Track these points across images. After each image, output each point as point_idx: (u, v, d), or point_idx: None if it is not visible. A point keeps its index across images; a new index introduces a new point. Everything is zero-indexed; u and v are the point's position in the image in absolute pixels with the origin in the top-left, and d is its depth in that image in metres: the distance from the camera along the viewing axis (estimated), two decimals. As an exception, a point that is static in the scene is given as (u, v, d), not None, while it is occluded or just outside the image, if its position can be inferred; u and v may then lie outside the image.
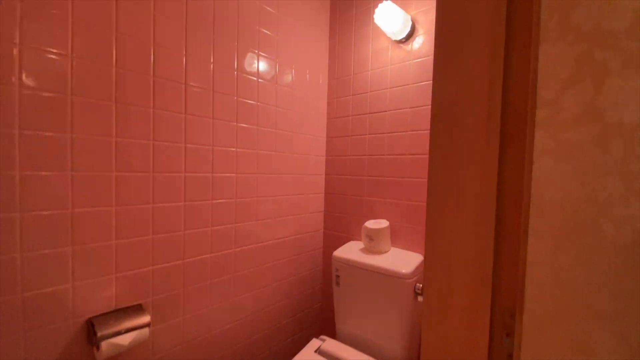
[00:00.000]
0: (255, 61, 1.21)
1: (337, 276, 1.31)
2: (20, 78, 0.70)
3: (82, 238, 0.81)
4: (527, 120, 0.36)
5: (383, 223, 1.29)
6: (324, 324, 1.64)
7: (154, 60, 0.92)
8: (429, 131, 1.18)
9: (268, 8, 1.24)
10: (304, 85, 1.44)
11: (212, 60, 1.06)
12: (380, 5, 1.18)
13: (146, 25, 0.90)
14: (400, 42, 1.28)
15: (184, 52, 0.99)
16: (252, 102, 1.21)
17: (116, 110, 0.85)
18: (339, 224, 1.55)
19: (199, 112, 1.04)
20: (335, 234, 1.56)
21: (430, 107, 0.44)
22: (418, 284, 1.14)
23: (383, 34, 1.33)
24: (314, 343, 1.23)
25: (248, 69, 1.19)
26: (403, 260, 1.19)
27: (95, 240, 0.83)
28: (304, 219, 1.49)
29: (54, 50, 0.74)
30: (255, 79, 1.21)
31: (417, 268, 1.14)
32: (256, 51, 1.21)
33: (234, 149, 1.15)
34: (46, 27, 0.73)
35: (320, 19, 1.51)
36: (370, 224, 1.29)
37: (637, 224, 0.29)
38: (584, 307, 0.32)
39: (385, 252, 1.27)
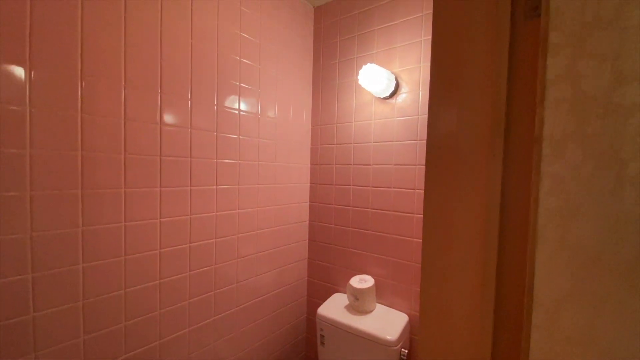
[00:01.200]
0: (237, 107, 1.16)
1: (322, 336, 1.27)
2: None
3: (46, 304, 0.73)
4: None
5: (368, 281, 1.27)
6: (308, 373, 1.60)
7: (125, 100, 0.85)
8: (412, 190, 1.18)
9: (247, 60, 1.20)
10: (287, 132, 1.40)
11: (189, 97, 1.01)
12: (363, 67, 1.16)
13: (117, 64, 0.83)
14: (385, 98, 1.27)
15: (159, 91, 0.93)
16: (232, 160, 1.16)
17: (82, 160, 0.78)
18: (324, 273, 1.51)
19: (175, 153, 0.98)
20: (320, 283, 1.53)
21: (415, 166, 0.43)
22: (403, 350, 1.12)
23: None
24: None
25: (228, 119, 1.13)
26: (388, 323, 1.17)
27: (62, 304, 0.75)
28: (287, 270, 1.45)
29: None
30: (235, 136, 1.16)
31: (402, 333, 1.13)
32: (237, 97, 1.16)
33: (213, 214, 1.10)
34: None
35: (303, 63, 1.48)
36: (356, 282, 1.27)
37: None
38: (612, 108, 0.30)
39: (371, 311, 1.25)
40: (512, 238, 0.39)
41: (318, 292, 1.54)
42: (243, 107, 1.19)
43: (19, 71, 0.68)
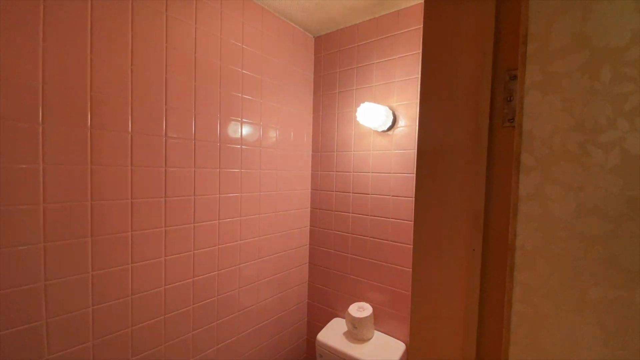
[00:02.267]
0: (239, 145, 1.20)
1: (321, 362, 1.31)
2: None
3: (57, 310, 0.77)
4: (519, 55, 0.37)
5: (366, 310, 1.30)
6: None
7: (131, 146, 0.89)
8: (410, 222, 1.21)
9: (248, 96, 1.24)
10: (289, 163, 1.44)
11: (193, 131, 1.05)
12: (361, 105, 1.19)
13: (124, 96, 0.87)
14: (383, 131, 1.30)
15: (164, 120, 0.97)
16: (235, 194, 1.20)
17: (91, 203, 0.82)
18: (323, 297, 1.55)
19: (178, 193, 1.02)
20: (320, 306, 1.57)
21: (412, 199, 0.46)
22: (400, 380, 1.15)
23: (366, 119, 1.35)
24: None
25: (229, 160, 1.17)
26: (386, 352, 1.20)
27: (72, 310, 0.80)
28: (288, 294, 1.48)
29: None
30: (238, 170, 1.20)
31: (400, 363, 1.16)
32: (240, 121, 1.20)
33: (215, 247, 1.14)
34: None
35: (304, 93, 1.52)
36: (354, 310, 1.30)
37: (625, 145, 0.31)
38: (575, 234, 0.33)
39: (369, 339, 1.28)
40: (490, 336, 0.42)
41: (318, 315, 1.57)
42: (245, 138, 1.23)
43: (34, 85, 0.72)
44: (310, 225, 1.59)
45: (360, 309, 1.31)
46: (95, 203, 0.83)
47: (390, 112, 1.24)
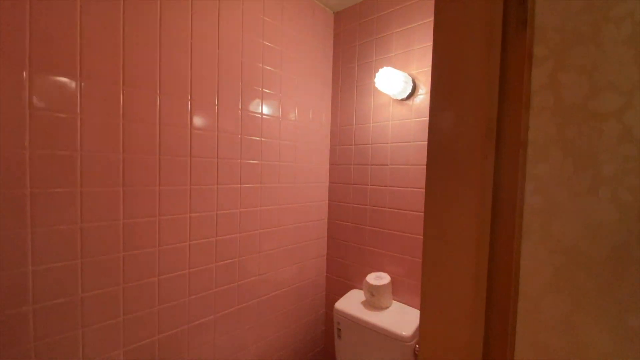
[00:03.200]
0: (260, 115, 1.24)
1: (339, 329, 1.33)
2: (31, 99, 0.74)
3: (91, 319, 0.84)
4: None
5: (384, 278, 1.30)
6: (326, 366, 1.66)
7: (159, 106, 0.95)
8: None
9: (269, 67, 1.27)
10: (308, 136, 1.47)
11: (216, 103, 1.10)
12: (380, 70, 1.20)
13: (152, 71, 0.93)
14: (403, 100, 1.29)
15: (189, 98, 1.02)
16: (255, 161, 1.24)
17: (124, 166, 0.89)
18: (342, 270, 1.56)
19: (203, 154, 1.07)
20: (338, 279, 1.58)
21: None
22: (417, 346, 1.14)
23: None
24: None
25: (250, 128, 1.22)
26: (404, 319, 1.20)
27: (104, 320, 0.86)
28: (307, 265, 1.51)
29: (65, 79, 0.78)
30: (258, 138, 1.24)
31: (417, 329, 1.15)
32: (260, 103, 1.24)
33: (237, 211, 1.18)
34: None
35: (323, 67, 1.53)
36: (372, 278, 1.31)
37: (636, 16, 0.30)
38: (589, 114, 0.33)
39: (386, 307, 1.28)
40: (502, 232, 0.42)
41: (336, 288, 1.59)
42: (265, 110, 1.26)
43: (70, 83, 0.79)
44: (328, 200, 1.61)
45: (378, 278, 1.31)
46: (126, 156, 0.89)
47: (410, 78, 1.23)
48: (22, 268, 0.74)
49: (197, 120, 1.04)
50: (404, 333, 1.12)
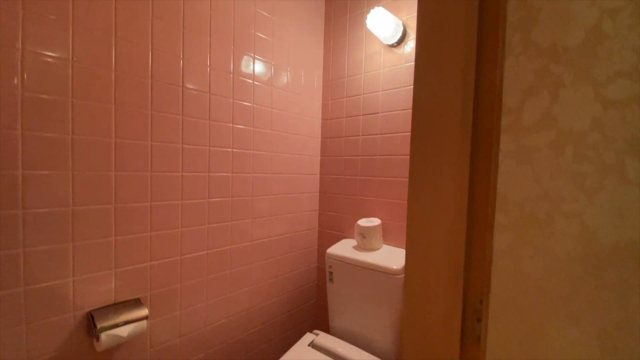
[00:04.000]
0: (251, 64, 1.25)
1: (331, 272, 1.35)
2: (22, 80, 0.73)
3: (82, 235, 0.84)
4: (494, 126, 0.40)
5: (375, 221, 1.33)
6: (318, 319, 1.68)
7: (151, 64, 0.95)
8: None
9: (264, 13, 1.28)
10: (299, 88, 1.48)
11: (208, 63, 1.10)
12: (372, 11, 1.21)
13: (144, 29, 0.93)
14: (392, 46, 1.32)
15: (181, 56, 1.02)
16: (247, 104, 1.24)
17: (115, 111, 0.88)
18: (333, 223, 1.59)
19: (196, 114, 1.07)
20: (330, 232, 1.60)
21: None
22: (408, 280, 1.18)
23: (376, 38, 1.37)
24: (308, 337, 1.27)
25: (244, 71, 1.22)
26: (394, 257, 1.23)
27: (95, 237, 0.86)
28: (299, 217, 1.53)
29: (54, 55, 0.77)
30: (250, 81, 1.25)
31: (407, 265, 1.18)
32: (252, 54, 1.24)
33: (229, 150, 1.19)
34: (47, 31, 0.76)
35: (316, 24, 1.55)
36: (363, 222, 1.33)
37: (584, 217, 0.33)
38: (540, 291, 0.36)
39: (377, 249, 1.31)
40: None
41: (328, 242, 1.61)
42: (258, 71, 1.27)
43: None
44: (320, 155, 1.63)
45: (369, 221, 1.33)
46: (118, 109, 0.88)
47: (400, 22, 1.25)
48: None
49: (189, 80, 1.04)
50: (394, 267, 1.15)
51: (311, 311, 1.66)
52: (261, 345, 1.39)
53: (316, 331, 1.32)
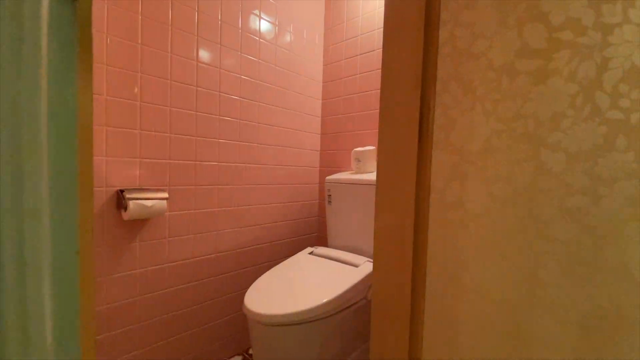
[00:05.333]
0: (258, 38, 1.38)
1: (329, 196, 1.48)
2: None
3: (113, 121, 0.99)
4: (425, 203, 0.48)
5: (370, 147, 1.45)
6: (318, 243, 1.81)
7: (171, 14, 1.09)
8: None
9: None
10: (302, 44, 1.61)
11: (220, 18, 1.23)
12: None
13: (166, -47, 1.07)
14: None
15: (197, 9, 1.16)
16: (253, 58, 1.38)
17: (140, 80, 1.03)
18: (332, 160, 1.71)
19: (209, 62, 1.22)
20: (330, 170, 1.73)
21: None
22: (398, 193, 1.29)
23: (372, -20, 1.49)
24: (308, 249, 1.40)
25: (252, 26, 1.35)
26: (386, 175, 1.34)
27: (123, 126, 1.01)
28: (302, 154, 1.66)
29: None
30: (257, 38, 1.38)
31: (398, 179, 1.30)
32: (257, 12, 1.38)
33: (237, 98, 1.33)
34: None
35: (318, -27, 1.67)
36: (359, 148, 1.45)
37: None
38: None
39: (372, 171, 1.43)
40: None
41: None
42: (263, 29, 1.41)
43: None
44: (322, 99, 1.76)
45: (365, 148, 1.46)
46: (143, 76, 1.03)
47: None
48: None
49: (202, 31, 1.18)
50: (385, 179, 1.27)
51: (310, 240, 1.79)
52: (267, 257, 1.53)
53: (316, 246, 1.45)
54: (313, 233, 1.79)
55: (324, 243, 1.77)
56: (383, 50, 0.53)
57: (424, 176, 0.49)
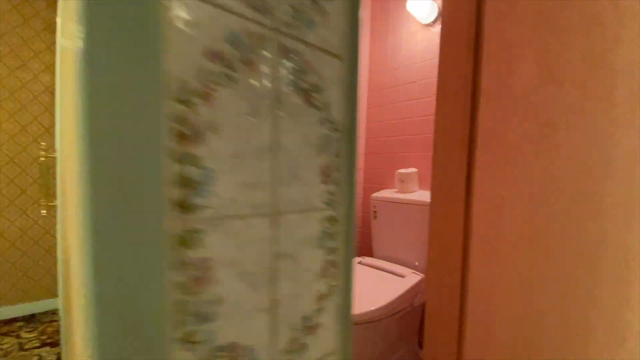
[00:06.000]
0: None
1: (375, 212, 1.67)
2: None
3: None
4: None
5: (412, 169, 1.62)
6: (361, 253, 2.00)
7: None
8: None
9: None
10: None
11: None
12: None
13: None
14: (428, 25, 1.60)
15: None
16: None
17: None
18: (376, 178, 1.90)
19: None
20: (373, 186, 1.92)
21: None
22: (439, 212, 1.45)
23: (414, 19, 1.66)
24: (357, 259, 1.60)
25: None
26: (427, 196, 1.51)
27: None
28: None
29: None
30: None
31: (439, 200, 1.46)
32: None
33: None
34: None
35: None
36: (402, 170, 1.63)
37: None
38: None
39: (414, 192, 1.60)
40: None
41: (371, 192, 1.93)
42: None
43: None
44: (366, 122, 1.95)
45: (407, 170, 1.63)
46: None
47: (435, 4, 1.53)
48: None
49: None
50: (428, 201, 1.44)
51: (357, 249, 1.99)
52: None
53: (362, 257, 1.65)
54: (357, 244, 1.99)
55: (367, 253, 1.96)
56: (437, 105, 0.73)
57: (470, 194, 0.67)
